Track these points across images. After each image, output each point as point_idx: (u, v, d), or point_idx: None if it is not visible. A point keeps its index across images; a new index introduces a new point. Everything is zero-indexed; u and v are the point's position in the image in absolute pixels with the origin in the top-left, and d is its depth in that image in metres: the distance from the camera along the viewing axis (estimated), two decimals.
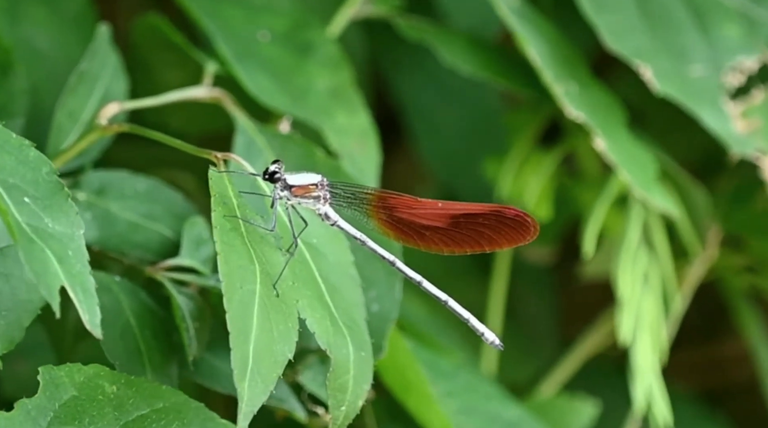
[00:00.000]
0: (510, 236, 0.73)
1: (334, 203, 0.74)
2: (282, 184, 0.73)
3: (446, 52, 0.98)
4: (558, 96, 0.93)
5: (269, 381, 0.67)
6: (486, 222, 0.73)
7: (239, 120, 0.83)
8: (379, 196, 0.74)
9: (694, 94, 0.94)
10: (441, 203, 0.74)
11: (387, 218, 0.74)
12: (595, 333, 1.08)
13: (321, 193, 0.74)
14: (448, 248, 0.74)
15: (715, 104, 0.94)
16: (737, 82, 0.95)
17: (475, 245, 0.74)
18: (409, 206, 0.74)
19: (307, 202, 0.74)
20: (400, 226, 0.74)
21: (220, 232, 0.69)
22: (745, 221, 1.03)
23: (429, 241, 0.74)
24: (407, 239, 0.74)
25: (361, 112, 0.90)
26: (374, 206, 0.74)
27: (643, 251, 0.97)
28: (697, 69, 0.95)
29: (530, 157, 1.02)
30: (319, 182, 0.73)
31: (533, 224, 0.73)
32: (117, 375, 0.68)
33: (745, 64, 0.96)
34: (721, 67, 0.95)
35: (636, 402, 0.95)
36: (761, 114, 0.95)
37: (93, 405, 0.66)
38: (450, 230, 0.74)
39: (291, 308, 0.70)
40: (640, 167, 0.94)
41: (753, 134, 0.94)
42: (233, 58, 0.88)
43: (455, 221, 0.74)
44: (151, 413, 0.68)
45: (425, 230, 0.74)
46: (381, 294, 0.80)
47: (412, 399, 0.87)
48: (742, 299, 1.06)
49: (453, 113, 1.11)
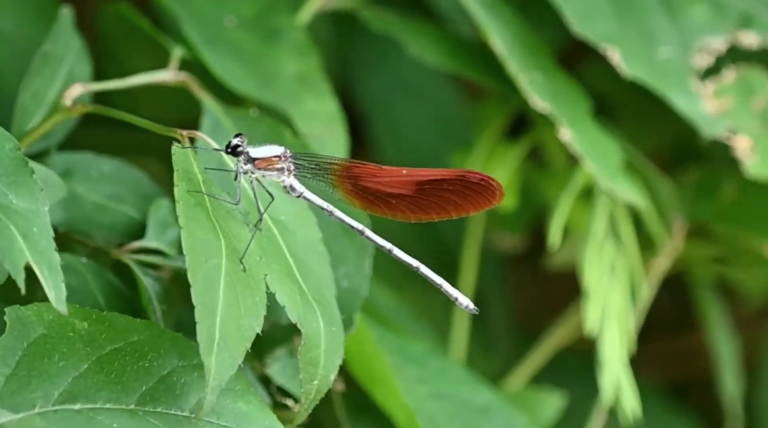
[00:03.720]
0: (475, 200, 0.73)
1: (299, 174, 0.74)
2: (245, 157, 0.73)
3: (413, 44, 0.98)
4: (523, 86, 0.93)
5: (237, 355, 0.67)
6: (451, 187, 0.73)
7: (206, 102, 0.83)
8: (343, 165, 0.74)
9: (663, 76, 0.94)
10: (405, 170, 0.74)
11: (352, 188, 0.74)
12: (563, 325, 1.08)
13: (285, 165, 0.73)
14: (414, 215, 0.74)
15: (685, 86, 0.94)
16: (706, 63, 0.96)
17: (442, 212, 0.74)
18: (374, 175, 0.74)
19: (272, 174, 0.73)
20: (366, 195, 0.74)
21: (184, 207, 0.69)
22: (712, 211, 1.03)
23: (395, 208, 0.74)
24: (373, 207, 0.74)
25: (329, 98, 0.90)
26: (339, 176, 0.74)
27: (610, 243, 0.97)
28: (666, 51, 0.95)
29: (497, 149, 1.02)
30: (282, 153, 0.73)
31: (498, 187, 0.73)
32: (88, 312, 0.67)
33: (713, 45, 0.96)
34: (690, 49, 0.96)
35: (604, 394, 0.95)
36: (733, 93, 0.96)
37: (63, 342, 0.65)
38: (416, 197, 0.74)
39: (258, 283, 0.70)
40: (606, 157, 0.94)
41: (723, 113, 0.95)
42: (200, 43, 0.88)
43: (420, 187, 0.74)
44: (125, 346, 0.67)
45: (391, 198, 0.74)
46: (350, 271, 0.80)
47: (378, 389, 0.86)
48: (707, 290, 1.06)
49: (415, 109, 1.11)
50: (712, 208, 1.03)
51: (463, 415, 0.89)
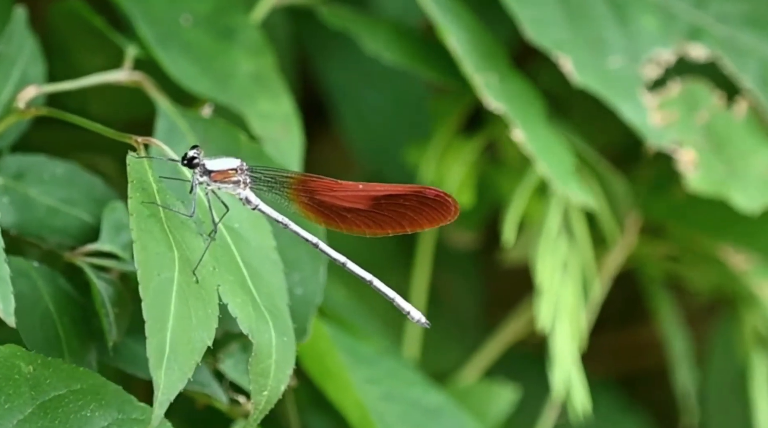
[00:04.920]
0: (431, 216, 0.74)
1: (255, 187, 0.74)
2: (201, 169, 0.73)
3: (369, 40, 0.98)
4: (478, 87, 0.93)
5: (187, 369, 0.67)
6: (407, 203, 0.74)
7: (160, 104, 0.82)
8: (299, 179, 0.74)
9: (613, 85, 0.95)
10: (362, 185, 0.74)
11: (308, 202, 0.74)
12: (517, 320, 1.09)
13: (241, 177, 0.73)
14: (370, 229, 0.74)
15: (633, 96, 0.95)
16: (655, 74, 0.97)
17: (397, 227, 0.74)
18: (330, 189, 0.74)
19: (227, 187, 0.73)
20: (322, 209, 0.74)
21: (137, 219, 0.69)
22: (665, 209, 1.04)
23: (351, 223, 0.74)
24: (329, 222, 0.74)
25: (284, 98, 0.90)
26: (295, 190, 0.74)
27: (563, 239, 0.98)
28: (616, 61, 0.96)
29: (453, 144, 1.03)
30: (238, 166, 0.73)
31: (454, 204, 0.73)
32: (33, 356, 0.67)
33: (663, 56, 0.97)
34: (639, 59, 0.96)
35: (554, 389, 0.96)
36: (677, 106, 0.97)
37: (9, 383, 0.66)
38: (372, 212, 0.74)
39: (211, 294, 0.70)
40: (558, 159, 0.95)
41: (669, 126, 0.96)
42: (155, 42, 0.87)
43: (377, 202, 0.74)
44: (68, 393, 0.67)
45: (347, 213, 0.74)
46: (305, 278, 0.80)
47: (331, 385, 0.87)
48: (659, 286, 1.07)
49: (379, 99, 1.11)
50: (665, 206, 1.04)
51: (414, 416, 0.89)
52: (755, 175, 0.96)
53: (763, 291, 1.02)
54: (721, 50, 0.97)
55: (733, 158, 0.96)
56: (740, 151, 0.97)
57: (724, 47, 0.97)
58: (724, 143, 0.97)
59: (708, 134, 0.97)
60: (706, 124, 0.97)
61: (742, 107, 0.98)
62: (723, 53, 0.97)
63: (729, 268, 1.03)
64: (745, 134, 0.97)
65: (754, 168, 0.97)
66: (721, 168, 0.96)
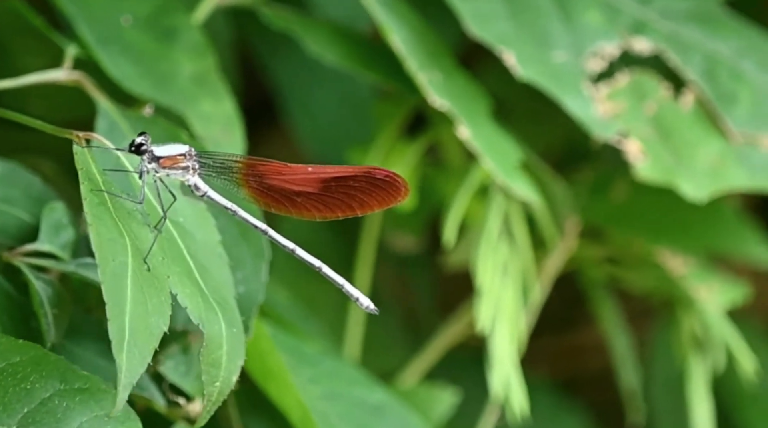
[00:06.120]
0: (381, 197, 0.74)
1: (204, 173, 0.74)
2: (149, 156, 0.73)
3: (311, 41, 0.98)
4: (422, 85, 0.94)
5: (146, 353, 0.67)
6: (357, 184, 0.74)
7: (101, 103, 0.82)
8: (248, 163, 0.74)
9: (557, 79, 0.95)
10: (311, 168, 0.74)
11: (257, 186, 0.74)
12: (458, 322, 1.09)
13: (189, 163, 0.73)
14: (320, 213, 0.74)
15: (577, 89, 0.95)
16: (599, 67, 0.97)
17: (347, 209, 0.74)
18: (279, 172, 0.74)
19: (176, 173, 0.73)
20: (271, 193, 0.74)
21: (89, 205, 0.69)
22: (604, 212, 1.05)
23: (301, 207, 0.74)
24: (279, 206, 0.74)
25: (226, 99, 0.90)
26: (244, 174, 0.74)
27: (504, 242, 0.98)
28: (560, 55, 0.96)
29: (396, 146, 1.03)
30: (187, 152, 0.73)
31: (404, 184, 0.73)
32: None
33: (607, 50, 0.97)
34: (583, 52, 0.97)
35: (493, 391, 0.96)
36: (626, 97, 0.97)
37: None
38: (322, 195, 0.74)
39: (163, 283, 0.70)
40: (503, 155, 0.95)
41: (615, 117, 0.96)
42: (95, 43, 0.87)
43: (326, 185, 0.74)
44: (7, 367, 0.67)
45: (296, 196, 0.74)
46: (247, 276, 0.80)
47: (273, 386, 0.87)
48: (600, 289, 1.08)
49: (326, 98, 1.11)
50: (604, 210, 1.05)
51: (357, 415, 0.89)
52: (702, 164, 0.97)
53: (700, 294, 1.03)
54: (665, 44, 0.98)
55: (681, 148, 0.97)
56: (687, 141, 0.98)
57: (669, 42, 0.98)
58: (671, 133, 0.97)
59: (656, 124, 0.97)
60: (654, 114, 0.98)
61: (688, 98, 0.99)
62: (667, 47, 0.98)
63: (667, 271, 1.04)
64: (692, 124, 0.98)
65: (702, 158, 0.97)
66: (669, 158, 0.97)
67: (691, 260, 1.04)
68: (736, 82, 0.99)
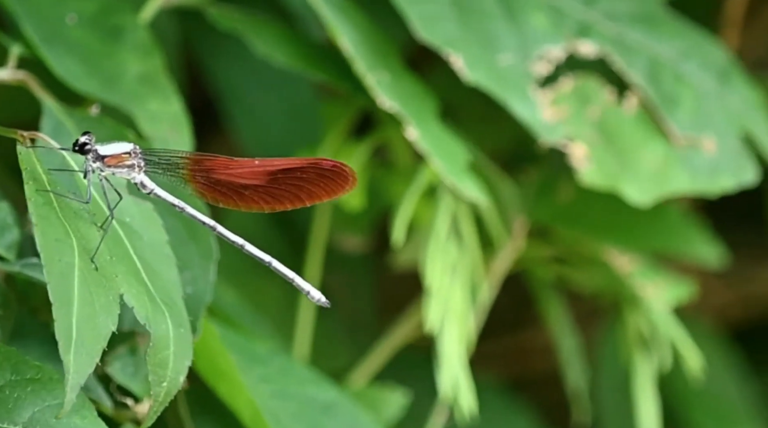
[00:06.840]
0: (329, 187, 0.74)
1: (150, 170, 0.73)
2: (93, 155, 0.72)
3: (258, 41, 0.98)
4: (370, 86, 0.94)
5: (94, 353, 0.67)
6: (305, 175, 0.74)
7: (46, 103, 0.82)
8: (194, 159, 0.74)
9: (503, 82, 0.95)
10: (258, 161, 0.74)
11: (204, 181, 0.74)
12: (407, 323, 1.09)
13: (135, 161, 0.73)
14: (268, 205, 0.74)
15: (524, 93, 0.96)
16: (545, 71, 0.98)
17: (296, 200, 0.74)
18: (227, 166, 0.74)
19: (122, 172, 0.73)
20: (219, 187, 0.74)
21: (35, 205, 0.69)
22: (551, 212, 1.05)
23: (249, 200, 0.74)
24: (227, 200, 0.74)
25: (174, 98, 0.89)
26: (191, 170, 0.74)
27: (452, 242, 0.98)
28: (506, 58, 0.97)
29: (343, 147, 1.03)
30: (131, 150, 0.73)
31: (351, 173, 0.74)
32: None
33: (552, 53, 0.98)
34: (530, 56, 0.97)
35: (442, 391, 0.96)
36: (570, 102, 0.98)
37: None
38: (269, 187, 0.74)
39: (111, 282, 0.70)
40: (451, 155, 0.96)
41: (561, 121, 0.97)
42: (40, 41, 0.86)
43: (274, 177, 0.74)
44: None
45: (244, 190, 0.74)
46: (195, 277, 0.80)
47: (223, 386, 0.86)
48: (548, 289, 1.09)
49: (272, 102, 1.11)
50: (551, 210, 1.05)
51: (308, 413, 0.89)
52: (646, 168, 0.98)
53: (646, 292, 1.03)
54: (610, 47, 0.99)
55: (625, 152, 0.98)
56: (631, 145, 0.98)
57: (614, 44, 0.99)
58: (615, 137, 0.98)
59: (600, 128, 0.98)
60: (597, 119, 0.98)
61: (632, 102, 1.00)
62: (612, 50, 0.99)
63: (613, 270, 1.04)
64: (636, 128, 0.99)
65: (645, 162, 0.98)
66: (613, 162, 0.97)
67: (638, 259, 1.04)
68: (679, 84, 1.00)
